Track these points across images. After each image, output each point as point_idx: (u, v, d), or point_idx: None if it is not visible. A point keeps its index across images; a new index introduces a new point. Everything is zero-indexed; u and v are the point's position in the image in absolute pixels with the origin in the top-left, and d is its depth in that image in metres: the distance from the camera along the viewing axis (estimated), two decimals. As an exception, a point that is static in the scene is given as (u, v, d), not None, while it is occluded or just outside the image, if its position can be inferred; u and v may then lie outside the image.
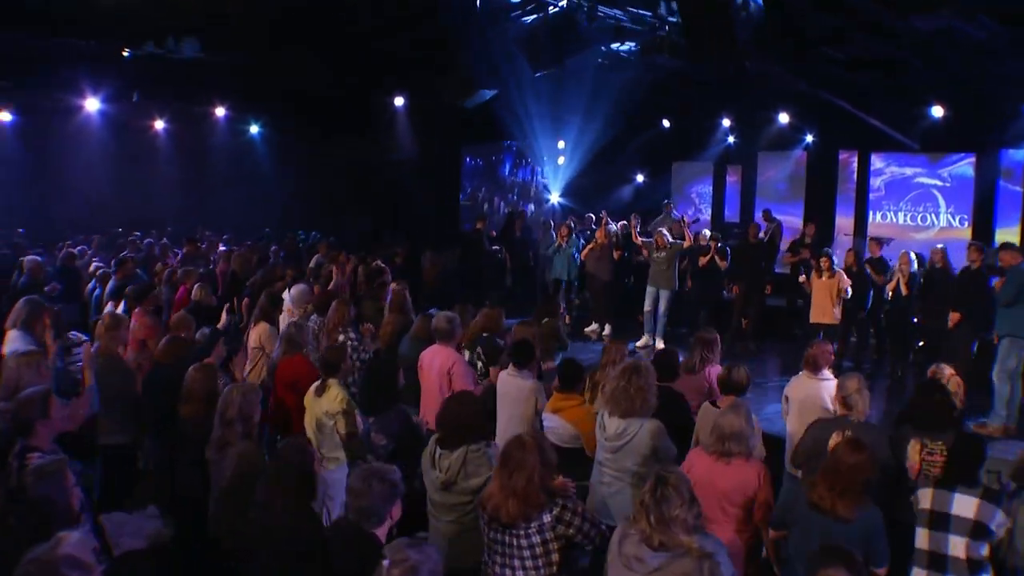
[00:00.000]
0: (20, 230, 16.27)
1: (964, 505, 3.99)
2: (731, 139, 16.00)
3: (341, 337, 7.06)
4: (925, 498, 4.11)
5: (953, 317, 8.84)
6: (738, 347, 11.42)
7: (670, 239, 11.46)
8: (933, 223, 14.10)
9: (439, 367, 6.16)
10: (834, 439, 4.57)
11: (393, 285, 9.11)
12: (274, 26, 12.49)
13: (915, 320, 9.93)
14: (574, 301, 13.87)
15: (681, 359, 6.25)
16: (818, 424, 4.94)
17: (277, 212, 20.30)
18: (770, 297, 12.26)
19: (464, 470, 4.02)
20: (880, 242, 11.06)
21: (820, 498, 3.71)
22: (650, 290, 11.55)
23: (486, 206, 21.65)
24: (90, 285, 10.76)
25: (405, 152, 18.26)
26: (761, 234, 13.16)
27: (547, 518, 3.56)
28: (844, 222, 14.69)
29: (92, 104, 16.02)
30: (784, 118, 14.06)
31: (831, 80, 11.82)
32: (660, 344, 11.08)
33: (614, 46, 12.85)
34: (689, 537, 3.10)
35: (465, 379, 6.09)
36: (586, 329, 12.88)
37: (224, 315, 7.89)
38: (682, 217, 13.93)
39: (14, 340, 6.85)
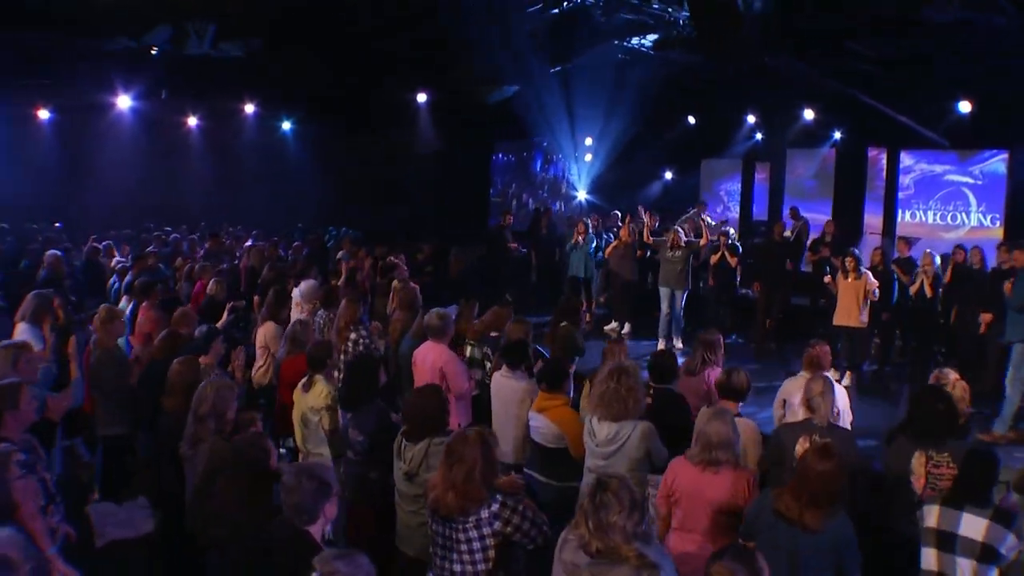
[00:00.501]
0: (57, 224, 16.66)
1: (973, 526, 3.72)
2: (759, 136, 15.71)
3: (352, 335, 7.07)
4: (931, 515, 3.84)
5: (985, 319, 8.58)
6: (759, 347, 11.22)
7: (684, 238, 11.19)
8: (964, 222, 13.70)
9: (431, 364, 6.12)
10: (800, 444, 4.41)
11: (395, 283, 9.04)
12: (301, 25, 12.62)
13: (942, 322, 9.65)
14: (598, 299, 13.76)
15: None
16: (782, 428, 4.78)
17: (310, 208, 20.51)
18: (795, 296, 12.04)
19: (426, 462, 4.07)
20: (908, 242, 10.77)
21: (787, 507, 3.52)
22: (663, 291, 11.19)
23: (514, 202, 21.67)
24: (112, 279, 10.95)
25: (434, 148, 18.35)
26: (787, 232, 12.91)
27: (485, 514, 3.53)
28: (872, 221, 14.34)
29: (124, 101, 16.33)
30: (809, 114, 13.75)
31: (856, 76, 11.56)
32: (680, 346, 10.87)
33: (634, 42, 12.68)
34: (628, 545, 3.01)
35: (457, 377, 6.04)
36: (606, 328, 12.79)
37: (225, 313, 7.93)
38: (702, 215, 13.71)
39: (23, 333, 6.99)
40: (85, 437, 6.50)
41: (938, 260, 9.59)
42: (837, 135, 14.55)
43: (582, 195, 18.28)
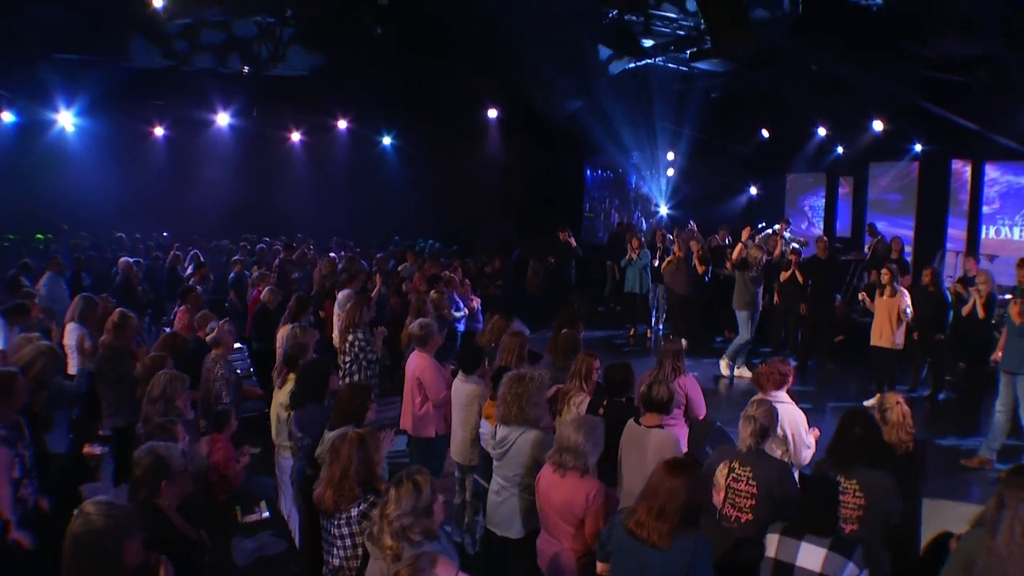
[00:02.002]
0: (165, 233, 18.03)
1: (810, 556, 3.53)
2: (840, 149, 15.12)
3: (350, 337, 7.42)
4: (771, 545, 3.65)
5: None
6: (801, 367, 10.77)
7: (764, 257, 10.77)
8: (1054, 239, 12.70)
9: (411, 372, 6.37)
10: (719, 471, 4.28)
11: (413, 293, 9.31)
12: (395, 43, 13.16)
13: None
14: (661, 315, 13.63)
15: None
16: (714, 454, 4.59)
17: (404, 220, 21.26)
18: (858, 315, 11.55)
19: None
20: (977, 259, 10.15)
21: (637, 524, 3.41)
22: (741, 315, 10.56)
23: (601, 217, 21.70)
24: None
25: (527, 164, 18.69)
26: (865, 249, 12.42)
27: (355, 512, 3.69)
28: (956, 236, 13.50)
29: (223, 119, 17.58)
30: (878, 125, 13.13)
31: (929, 83, 11.00)
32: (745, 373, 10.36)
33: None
34: (396, 543, 3.12)
35: (433, 385, 6.21)
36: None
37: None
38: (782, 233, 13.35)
39: (72, 332, 7.78)
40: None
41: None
42: (918, 147, 13.80)
43: (664, 210, 18.12)
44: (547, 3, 11.30)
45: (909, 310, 8.90)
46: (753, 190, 17.46)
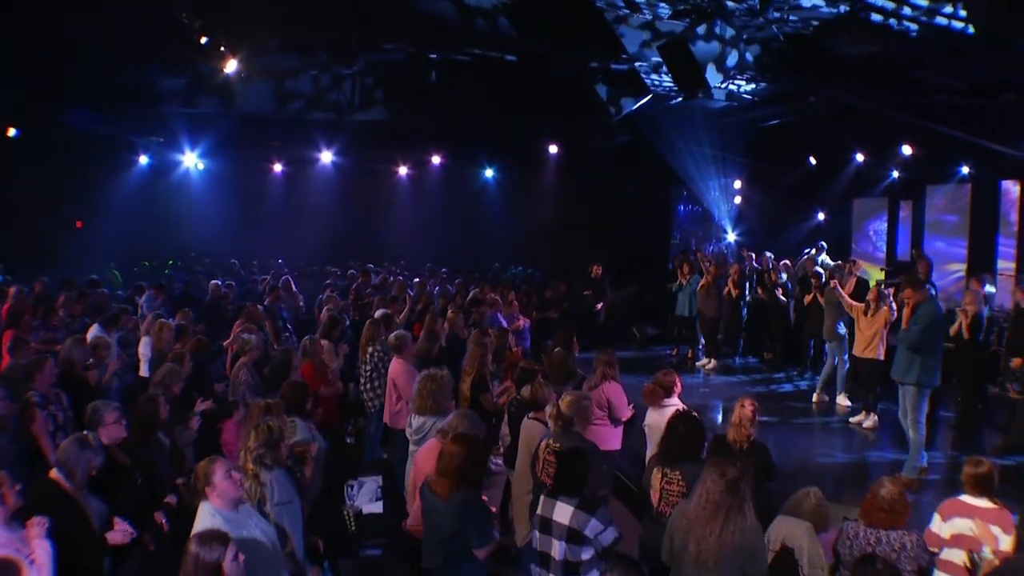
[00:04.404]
0: (279, 259, 20.23)
1: (562, 512, 4.38)
2: (895, 173, 15.32)
3: (370, 349, 8.81)
4: (539, 505, 4.56)
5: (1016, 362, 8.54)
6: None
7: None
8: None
9: (389, 376, 7.68)
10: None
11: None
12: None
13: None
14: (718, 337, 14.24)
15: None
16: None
17: (499, 248, 22.66)
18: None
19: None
20: (980, 280, 10.30)
21: (433, 480, 4.49)
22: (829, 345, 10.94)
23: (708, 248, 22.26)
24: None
25: (619, 194, 19.62)
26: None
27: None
28: (1006, 258, 13.48)
29: (326, 156, 19.71)
30: (908, 150, 13.37)
31: (946, 108, 11.31)
32: (845, 403, 10.67)
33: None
34: (255, 466, 4.41)
35: (407, 386, 7.37)
36: (697, 363, 13.48)
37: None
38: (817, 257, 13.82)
39: (145, 343, 9.52)
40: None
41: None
42: (964, 169, 13.89)
43: (731, 236, 18.66)
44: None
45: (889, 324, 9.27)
46: (821, 216, 17.73)
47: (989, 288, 10.28)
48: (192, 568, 3.29)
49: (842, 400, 10.64)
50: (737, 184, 18.58)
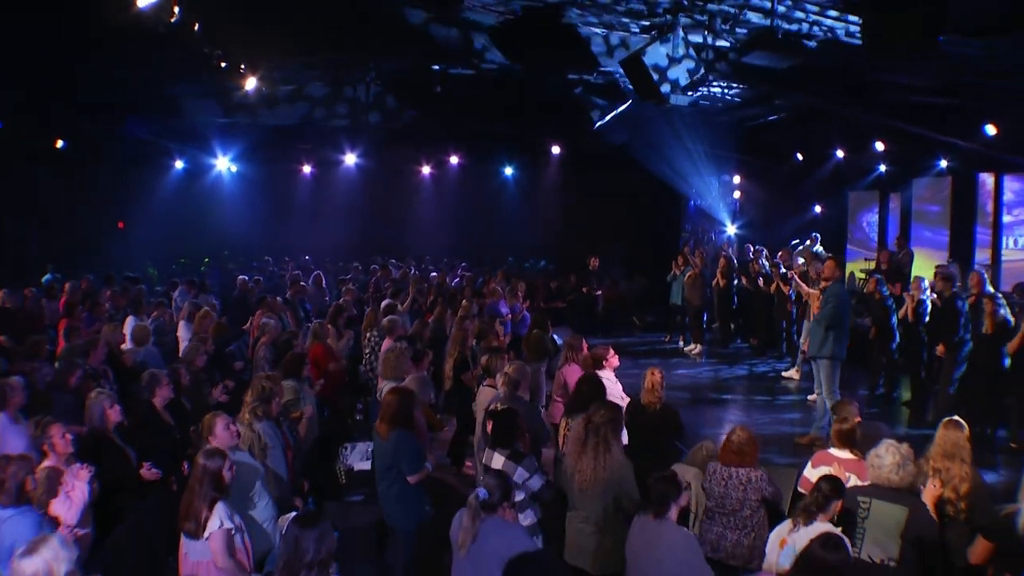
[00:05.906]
0: (307, 257, 21.52)
1: (496, 460, 5.17)
2: (882, 167, 16.08)
3: (368, 334, 10.00)
4: (485, 456, 5.45)
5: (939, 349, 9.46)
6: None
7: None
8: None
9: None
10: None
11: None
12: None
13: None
14: (713, 326, 15.33)
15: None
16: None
17: (518, 243, 23.72)
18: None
19: None
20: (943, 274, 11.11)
21: (378, 425, 5.68)
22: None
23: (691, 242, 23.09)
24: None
25: (629, 191, 20.55)
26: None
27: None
28: (982, 248, 14.21)
29: (350, 159, 20.97)
30: (880, 146, 14.20)
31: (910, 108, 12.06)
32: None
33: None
34: (250, 417, 5.60)
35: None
36: (685, 348, 14.52)
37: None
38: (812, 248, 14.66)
39: (183, 327, 10.85)
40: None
41: (927, 287, 10.15)
42: (943, 163, 14.63)
43: (731, 230, 19.53)
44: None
45: None
46: (818, 208, 18.49)
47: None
48: (200, 474, 4.41)
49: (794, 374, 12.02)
50: (736, 179, 19.44)
